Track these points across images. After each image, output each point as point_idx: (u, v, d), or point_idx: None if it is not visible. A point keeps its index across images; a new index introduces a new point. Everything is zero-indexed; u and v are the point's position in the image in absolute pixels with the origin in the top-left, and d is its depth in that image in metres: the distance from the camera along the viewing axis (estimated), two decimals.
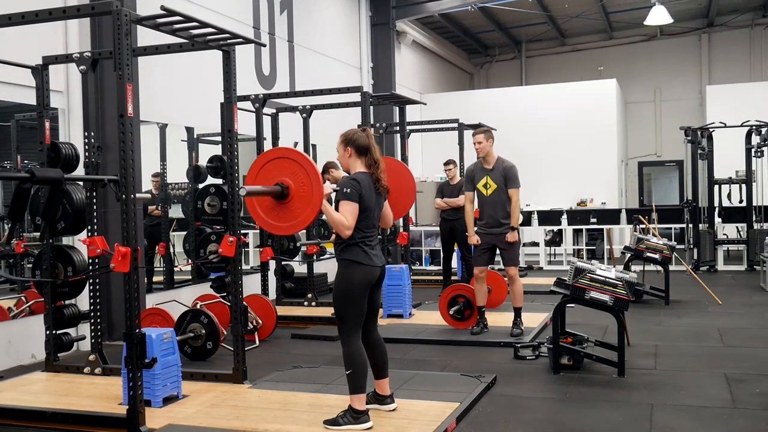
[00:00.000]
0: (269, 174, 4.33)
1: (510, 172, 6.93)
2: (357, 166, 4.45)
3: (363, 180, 4.35)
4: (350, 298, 4.28)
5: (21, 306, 6.82)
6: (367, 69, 13.98)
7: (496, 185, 6.93)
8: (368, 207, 4.35)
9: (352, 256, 4.32)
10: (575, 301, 5.70)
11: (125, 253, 4.38)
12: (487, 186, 6.97)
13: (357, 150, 4.44)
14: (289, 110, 8.63)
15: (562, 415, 4.69)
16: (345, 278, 4.31)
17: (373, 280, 4.40)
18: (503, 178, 6.91)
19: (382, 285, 4.58)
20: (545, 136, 15.76)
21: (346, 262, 4.33)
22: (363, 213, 4.32)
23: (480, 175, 7.05)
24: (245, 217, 7.03)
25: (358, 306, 4.33)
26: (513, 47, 20.11)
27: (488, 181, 6.97)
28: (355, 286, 4.30)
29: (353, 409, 4.28)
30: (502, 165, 6.97)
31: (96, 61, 5.76)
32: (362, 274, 4.32)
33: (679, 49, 18.81)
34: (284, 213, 4.29)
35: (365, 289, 4.35)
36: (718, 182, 12.66)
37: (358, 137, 4.45)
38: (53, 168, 5.29)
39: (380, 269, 4.44)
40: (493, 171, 6.97)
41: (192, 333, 6.36)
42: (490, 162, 7.01)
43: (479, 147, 6.95)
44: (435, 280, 10.92)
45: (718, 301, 8.87)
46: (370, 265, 4.35)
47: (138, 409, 4.37)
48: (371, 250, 4.39)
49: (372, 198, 4.38)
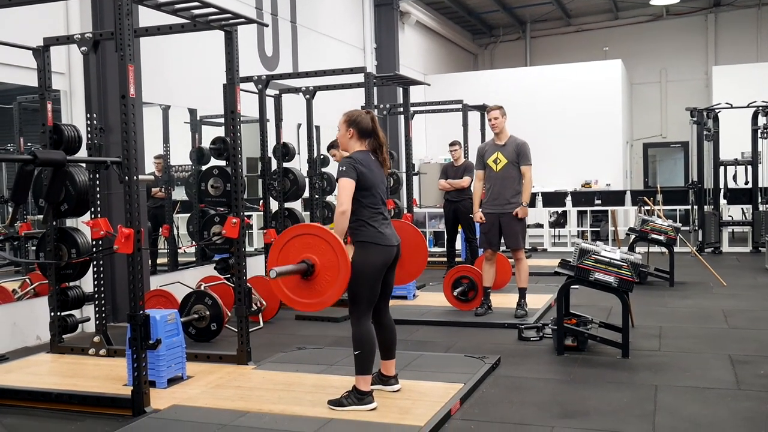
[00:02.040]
0: (292, 251, 4.16)
1: (523, 149, 6.94)
2: (356, 147, 4.43)
3: (361, 158, 4.33)
4: (365, 279, 4.24)
5: (25, 288, 6.84)
6: (371, 50, 13.89)
7: (506, 160, 6.93)
8: (371, 184, 4.32)
9: (368, 237, 4.29)
10: (580, 282, 5.69)
11: (129, 235, 4.38)
12: (498, 161, 6.96)
13: (359, 132, 4.42)
14: (293, 91, 8.59)
15: (566, 396, 4.69)
16: (361, 259, 4.26)
17: (389, 261, 4.37)
18: (516, 154, 6.91)
19: (396, 266, 4.54)
20: (550, 118, 15.67)
21: (362, 244, 4.29)
22: (367, 191, 4.30)
23: (491, 150, 7.04)
24: (248, 199, 7.03)
25: (373, 288, 4.31)
26: (517, 27, 19.96)
27: (499, 156, 6.96)
28: (371, 267, 4.27)
29: (358, 390, 4.29)
30: (515, 142, 6.98)
31: (97, 42, 5.73)
32: (380, 254, 4.29)
33: (686, 29, 18.65)
34: (310, 290, 4.14)
35: (382, 270, 4.33)
36: (723, 163, 12.59)
37: (362, 120, 4.42)
38: (56, 150, 5.28)
39: (396, 248, 4.42)
40: (505, 147, 6.97)
41: (196, 314, 6.38)
42: (502, 138, 7.00)
43: (495, 122, 6.94)
44: (439, 262, 10.91)
45: (723, 283, 8.86)
46: (386, 245, 4.33)
47: (143, 390, 4.39)
48: (385, 228, 4.37)
49: (375, 175, 4.36)
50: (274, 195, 8.03)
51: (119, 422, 4.26)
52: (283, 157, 8.04)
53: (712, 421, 4.15)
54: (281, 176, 7.99)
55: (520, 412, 4.37)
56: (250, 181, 9.65)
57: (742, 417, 4.20)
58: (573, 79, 15.87)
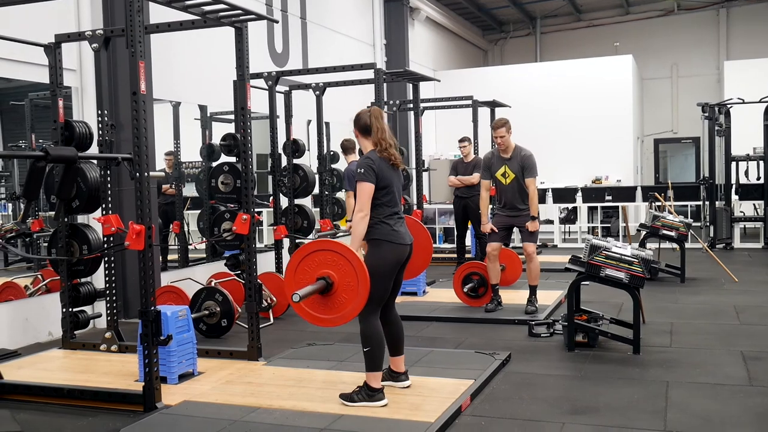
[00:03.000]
0: (308, 269, 4.13)
1: (528, 161, 6.89)
2: (367, 145, 4.43)
3: (376, 158, 4.32)
4: (377, 277, 4.23)
5: (37, 284, 6.88)
6: (381, 46, 13.86)
7: (514, 174, 6.93)
8: (388, 183, 4.32)
9: (382, 235, 4.28)
10: (590, 278, 5.67)
11: (140, 231, 4.39)
12: (506, 175, 6.97)
13: (360, 129, 4.44)
14: (302, 88, 8.59)
15: (576, 392, 4.68)
16: (375, 257, 4.26)
17: (402, 259, 4.38)
18: (521, 167, 6.88)
19: (407, 264, 4.52)
20: (560, 114, 15.62)
21: (377, 242, 4.29)
22: (384, 189, 4.30)
23: (498, 164, 7.03)
24: (258, 195, 7.04)
25: (384, 286, 4.31)
26: (528, 23, 19.90)
27: (506, 170, 6.97)
28: (384, 265, 4.27)
29: (369, 386, 4.29)
30: (520, 154, 6.93)
31: (108, 39, 5.74)
32: (393, 252, 4.30)
33: (697, 24, 18.54)
34: (330, 306, 4.12)
35: (394, 268, 4.33)
36: (735, 159, 12.52)
37: (361, 116, 4.44)
38: (67, 146, 5.30)
39: (409, 247, 4.42)
40: (511, 160, 6.95)
41: (207, 310, 6.39)
42: (508, 151, 6.98)
43: (501, 141, 6.90)
44: (449, 258, 10.91)
45: (735, 279, 8.81)
46: (400, 243, 4.33)
47: (154, 386, 4.41)
48: (399, 227, 4.37)
49: (390, 174, 4.34)
50: (284, 191, 8.03)
51: (131, 418, 4.28)
52: (293, 153, 8.05)
53: (724, 417, 4.13)
54: (291, 173, 7.99)
55: (530, 409, 4.36)
56: (260, 177, 9.67)
57: (754, 413, 4.18)
58: (583, 74, 15.81)
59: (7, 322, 6.36)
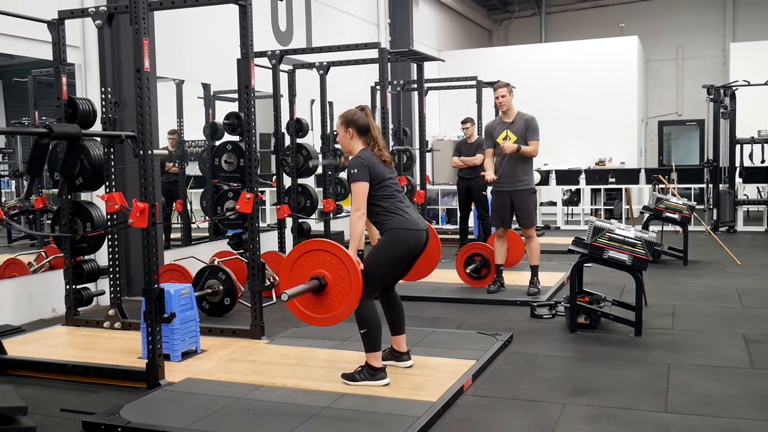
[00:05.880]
0: (304, 267, 4.12)
1: (531, 123, 6.91)
2: (358, 146, 4.39)
3: (368, 156, 4.31)
4: (387, 262, 4.25)
5: (41, 261, 6.90)
6: (385, 25, 13.78)
7: (516, 137, 6.89)
8: (384, 178, 4.31)
9: (395, 224, 4.27)
10: (593, 260, 5.67)
11: (143, 209, 4.40)
12: (507, 139, 6.92)
13: (358, 130, 4.38)
14: (306, 67, 8.55)
15: (578, 373, 4.70)
16: (390, 243, 4.26)
17: (418, 247, 4.35)
18: (524, 129, 6.86)
19: (421, 255, 4.46)
20: (564, 94, 15.56)
21: (393, 231, 4.26)
22: (381, 183, 4.29)
23: (500, 129, 7.00)
24: (262, 175, 7.03)
25: (390, 272, 4.32)
26: (533, 3, 19.75)
27: (508, 134, 6.93)
28: (397, 252, 4.26)
29: (370, 366, 4.30)
30: (523, 118, 6.94)
31: (112, 16, 5.70)
32: (409, 239, 4.28)
33: (703, 6, 18.39)
34: (322, 305, 4.10)
35: (407, 256, 4.32)
36: (740, 142, 12.47)
37: (359, 117, 4.39)
38: (71, 124, 5.29)
39: (426, 233, 4.39)
40: (514, 124, 6.94)
41: (210, 289, 6.41)
42: (510, 116, 6.97)
43: (503, 100, 6.90)
44: (452, 239, 10.91)
45: (738, 262, 8.81)
46: (414, 228, 4.30)
47: (157, 363, 4.43)
48: (410, 213, 4.34)
49: (383, 168, 4.34)
50: (288, 171, 8.02)
51: (134, 394, 4.30)
52: (297, 132, 8.02)
53: (725, 399, 4.14)
54: (294, 152, 7.98)
55: (532, 389, 4.37)
56: (264, 156, 9.65)
57: (755, 395, 4.19)
58: (588, 55, 15.73)
59: (11, 299, 6.39)
